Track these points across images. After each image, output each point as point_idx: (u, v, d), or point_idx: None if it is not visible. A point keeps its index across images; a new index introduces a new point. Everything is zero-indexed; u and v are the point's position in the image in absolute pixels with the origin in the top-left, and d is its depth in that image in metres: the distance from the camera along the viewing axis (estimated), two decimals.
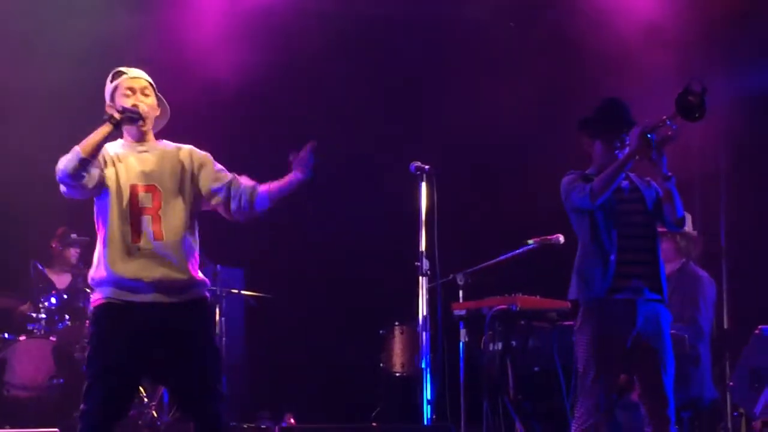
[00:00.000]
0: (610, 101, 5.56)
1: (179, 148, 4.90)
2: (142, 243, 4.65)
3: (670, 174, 5.38)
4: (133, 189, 4.71)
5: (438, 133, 9.64)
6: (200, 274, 4.81)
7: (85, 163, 4.57)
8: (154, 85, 4.92)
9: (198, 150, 4.93)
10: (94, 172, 4.63)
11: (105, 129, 4.62)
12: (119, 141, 4.83)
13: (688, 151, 9.08)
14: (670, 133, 5.29)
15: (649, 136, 5.26)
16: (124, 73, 4.86)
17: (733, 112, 9.12)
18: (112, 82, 4.86)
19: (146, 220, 4.67)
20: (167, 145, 4.91)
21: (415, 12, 9.79)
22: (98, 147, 4.61)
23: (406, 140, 9.25)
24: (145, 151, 4.81)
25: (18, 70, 9.09)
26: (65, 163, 4.59)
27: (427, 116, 9.91)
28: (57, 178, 4.65)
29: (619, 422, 6.60)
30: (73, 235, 9.10)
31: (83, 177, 4.60)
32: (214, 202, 4.88)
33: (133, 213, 4.68)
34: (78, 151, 4.57)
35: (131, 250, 4.63)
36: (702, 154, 9.52)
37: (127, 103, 4.77)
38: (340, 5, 9.64)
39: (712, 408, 7.17)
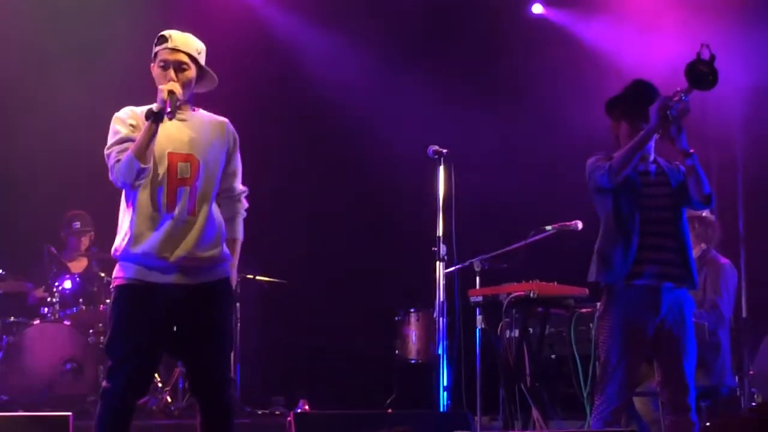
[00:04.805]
0: (636, 82, 5.50)
1: (215, 120, 4.80)
2: (177, 214, 4.57)
3: (691, 150, 5.30)
4: (171, 157, 4.60)
5: (456, 117, 9.62)
6: (226, 248, 4.75)
7: (145, 170, 4.49)
8: (199, 54, 4.72)
9: (231, 127, 4.84)
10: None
11: (153, 128, 4.49)
12: (154, 105, 4.61)
13: (705, 140, 9.05)
14: (685, 106, 5.23)
15: (668, 111, 5.19)
16: (166, 40, 4.68)
17: (750, 99, 9.11)
18: (155, 45, 4.71)
19: (183, 191, 4.59)
20: (203, 114, 4.79)
21: None
22: (152, 148, 4.50)
23: (424, 123, 9.22)
24: (183, 120, 4.68)
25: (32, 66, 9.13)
26: (125, 174, 4.48)
27: (445, 99, 9.87)
28: (117, 185, 4.57)
29: (638, 409, 6.63)
30: (77, 224, 9.05)
31: (144, 179, 4.53)
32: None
33: (171, 183, 4.58)
34: (135, 160, 4.45)
35: (163, 221, 4.56)
36: (719, 142, 9.48)
37: (160, 76, 4.64)
38: None
39: (729, 397, 7.10)
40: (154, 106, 4.56)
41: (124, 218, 4.65)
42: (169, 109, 4.51)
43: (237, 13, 9.74)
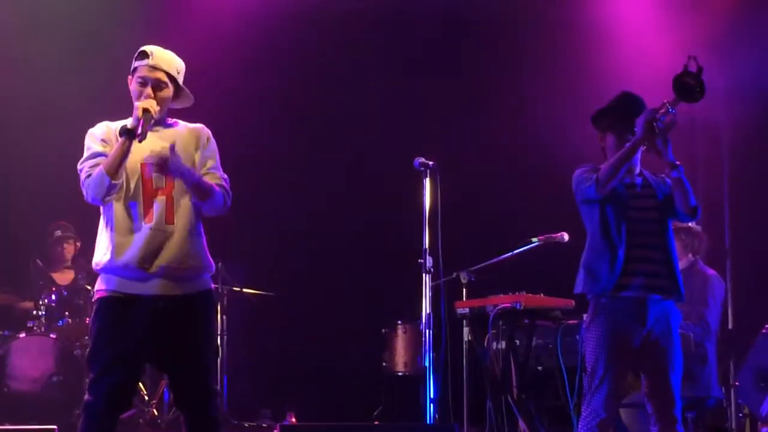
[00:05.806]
0: (623, 94, 5.52)
1: (191, 128, 4.78)
2: (154, 224, 4.54)
3: (677, 162, 5.32)
4: (145, 168, 4.58)
5: (442, 129, 9.62)
6: (208, 258, 4.73)
7: (115, 186, 4.49)
8: (178, 74, 4.71)
9: (206, 129, 4.80)
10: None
11: (126, 145, 4.47)
12: (129, 120, 4.59)
13: (691, 153, 9.09)
14: (672, 118, 5.24)
15: (654, 123, 5.21)
16: (147, 56, 4.67)
17: (737, 111, 9.14)
18: (135, 60, 4.70)
19: (159, 201, 4.56)
20: (179, 125, 4.77)
21: (422, 5, 9.77)
22: (124, 164, 4.49)
23: (410, 135, 9.22)
24: (157, 131, 4.65)
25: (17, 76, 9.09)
26: (94, 189, 4.48)
27: (432, 111, 9.87)
28: (87, 199, 4.55)
29: (624, 421, 6.63)
30: (57, 232, 9.02)
31: (113, 194, 4.52)
32: None
33: (146, 194, 4.57)
34: (105, 176, 4.45)
35: (141, 232, 4.53)
36: (706, 155, 9.52)
37: (137, 92, 4.63)
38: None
39: (716, 408, 7.11)
40: (129, 123, 4.55)
41: (103, 232, 4.64)
42: (140, 131, 4.49)
43: (228, 19, 9.72)
